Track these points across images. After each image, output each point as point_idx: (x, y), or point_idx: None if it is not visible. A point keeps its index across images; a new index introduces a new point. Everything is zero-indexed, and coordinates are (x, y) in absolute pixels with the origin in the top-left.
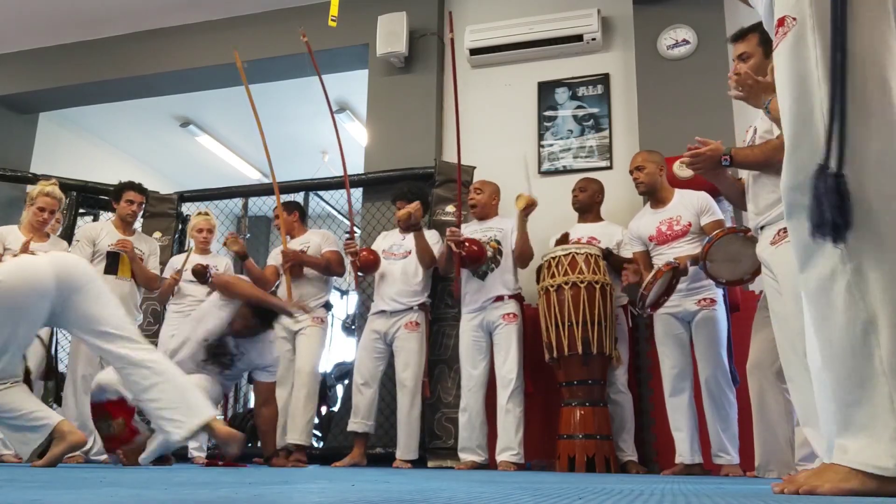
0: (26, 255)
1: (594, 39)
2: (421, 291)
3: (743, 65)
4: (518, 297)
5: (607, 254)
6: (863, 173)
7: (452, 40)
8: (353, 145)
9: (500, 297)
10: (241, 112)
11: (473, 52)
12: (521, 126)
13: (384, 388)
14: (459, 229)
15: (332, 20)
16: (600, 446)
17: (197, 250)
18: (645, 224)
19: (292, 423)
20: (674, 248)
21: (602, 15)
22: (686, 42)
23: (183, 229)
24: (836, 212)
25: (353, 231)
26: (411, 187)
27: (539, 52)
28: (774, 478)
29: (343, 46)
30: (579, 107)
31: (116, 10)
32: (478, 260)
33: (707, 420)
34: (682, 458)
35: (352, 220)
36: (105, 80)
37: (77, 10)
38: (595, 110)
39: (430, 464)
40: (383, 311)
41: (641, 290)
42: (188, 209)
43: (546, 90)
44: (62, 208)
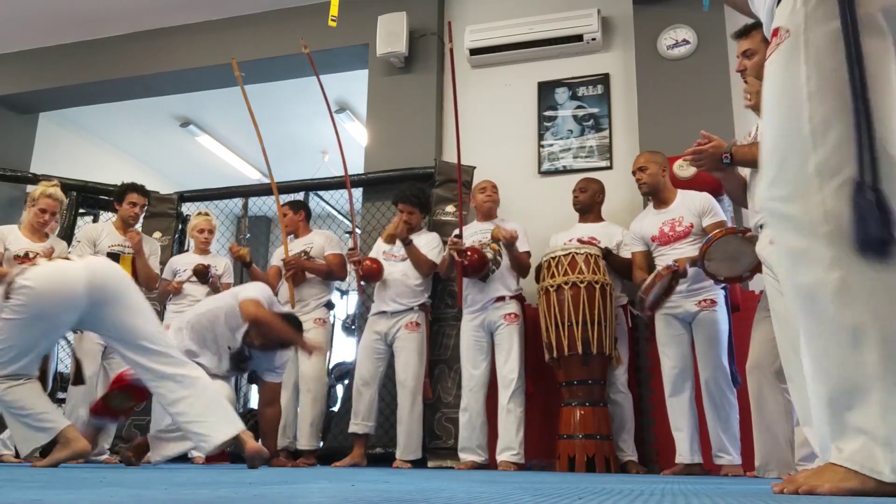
0: (62, 260)
1: (594, 39)
2: (421, 292)
3: (747, 61)
4: (519, 298)
5: (607, 254)
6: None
7: (452, 50)
8: (353, 145)
9: (502, 298)
10: (241, 112)
11: (473, 52)
12: (521, 126)
13: (384, 388)
14: (461, 229)
15: (332, 20)
16: (600, 446)
17: (197, 251)
18: (647, 225)
19: (300, 429)
20: (676, 249)
21: (602, 15)
22: (686, 42)
23: (183, 229)
24: (881, 228)
25: (355, 233)
26: (413, 190)
27: (539, 52)
28: (774, 478)
29: (343, 46)
30: (579, 107)
31: (116, 10)
32: (480, 269)
33: (707, 420)
34: (682, 457)
35: (353, 220)
36: (105, 80)
37: (77, 10)
38: (595, 110)
39: (430, 464)
40: (384, 312)
41: (640, 292)
42: (188, 209)
43: (546, 90)
44: (63, 209)
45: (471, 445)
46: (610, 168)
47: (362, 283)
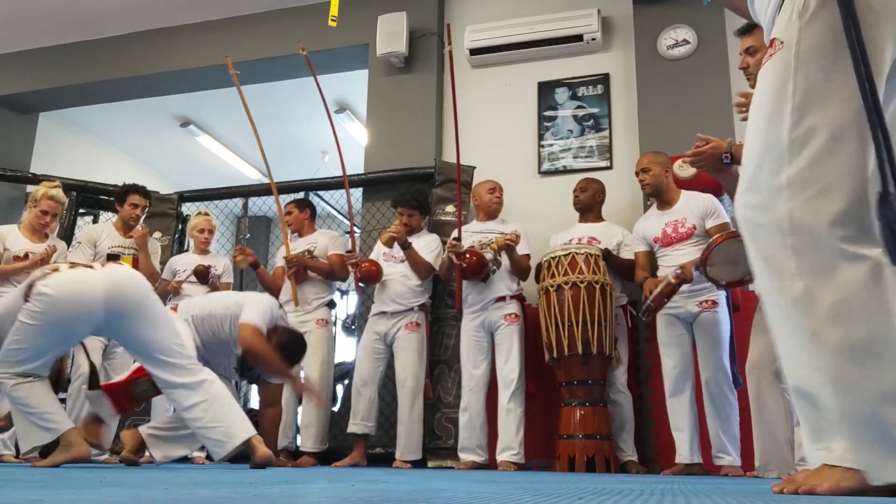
0: (83, 269)
1: (594, 39)
2: (421, 293)
3: (750, 58)
4: (519, 298)
5: (606, 254)
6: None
7: (451, 52)
8: (353, 145)
9: (502, 298)
10: (241, 112)
11: (473, 52)
12: (521, 126)
13: (384, 388)
14: (459, 231)
15: (332, 20)
16: (600, 446)
17: (197, 250)
18: (651, 225)
19: (306, 432)
20: (678, 250)
21: (602, 15)
22: (686, 42)
23: (183, 229)
24: None
25: (354, 234)
26: (412, 193)
27: (539, 52)
28: (774, 478)
29: (343, 46)
30: (579, 107)
31: (116, 10)
32: (479, 271)
33: (707, 421)
34: (682, 457)
35: (352, 220)
36: (105, 80)
37: (77, 10)
38: (595, 110)
39: (430, 464)
40: (384, 313)
41: (649, 300)
42: (188, 209)
43: (546, 90)
44: (63, 210)
45: (471, 445)
46: (610, 168)
47: (360, 284)
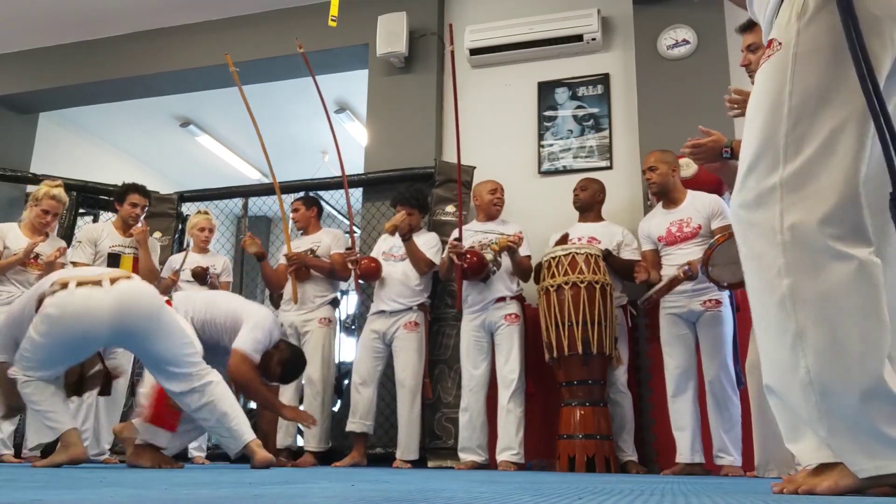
0: (91, 288)
1: (594, 39)
2: (420, 292)
3: (751, 55)
4: (519, 298)
5: (606, 254)
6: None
7: (453, 52)
8: (353, 145)
9: (502, 299)
10: (241, 112)
11: (473, 52)
12: (521, 126)
13: (384, 388)
14: (460, 231)
15: (332, 20)
16: (600, 446)
17: (196, 249)
18: (656, 224)
19: (308, 432)
20: (682, 250)
21: (602, 15)
22: (686, 42)
23: (183, 229)
24: None
25: (353, 234)
26: (411, 192)
27: (539, 52)
28: (774, 477)
29: (343, 46)
30: (579, 107)
31: (116, 10)
32: (479, 271)
33: (710, 421)
34: (683, 457)
35: (351, 221)
36: (105, 80)
37: (77, 10)
38: (595, 110)
39: (430, 464)
40: (383, 311)
41: (653, 292)
42: (188, 209)
43: (546, 90)
44: (64, 210)
45: (471, 445)
46: (610, 168)
47: (360, 281)
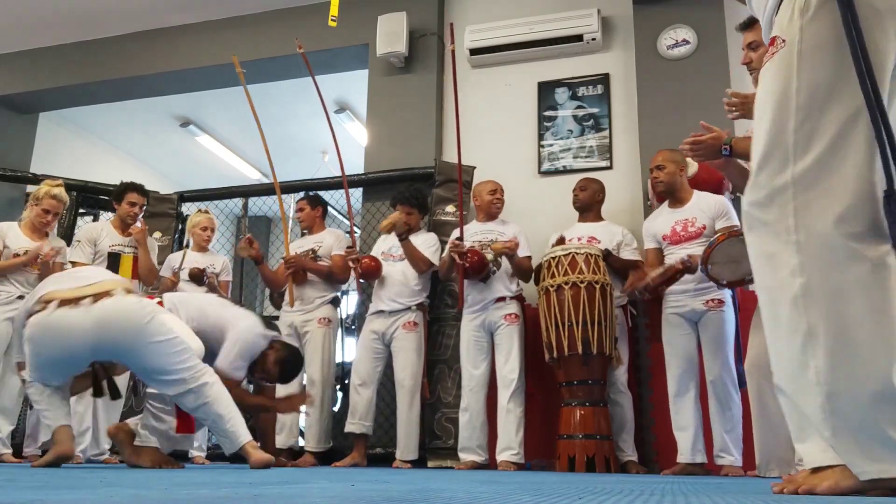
0: (70, 309)
1: (594, 39)
2: (419, 292)
3: (752, 53)
4: (519, 298)
5: (606, 254)
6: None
7: (454, 51)
8: (353, 145)
9: (502, 299)
10: (241, 112)
11: (473, 52)
12: (521, 126)
13: (384, 388)
14: (461, 231)
15: (332, 20)
16: (600, 446)
17: (196, 248)
18: (661, 223)
19: (308, 432)
20: (686, 249)
21: (602, 15)
22: (686, 42)
23: (183, 229)
24: None
25: (354, 234)
26: (410, 191)
27: (539, 52)
28: (775, 476)
29: (343, 46)
30: (579, 107)
31: (116, 10)
32: (480, 270)
33: (711, 421)
34: (684, 457)
35: (351, 221)
36: (105, 80)
37: (77, 10)
38: (595, 110)
39: (430, 464)
40: (381, 311)
41: (649, 278)
42: (188, 209)
43: (546, 90)
44: (64, 210)
45: (471, 445)
46: (610, 168)
47: (361, 280)
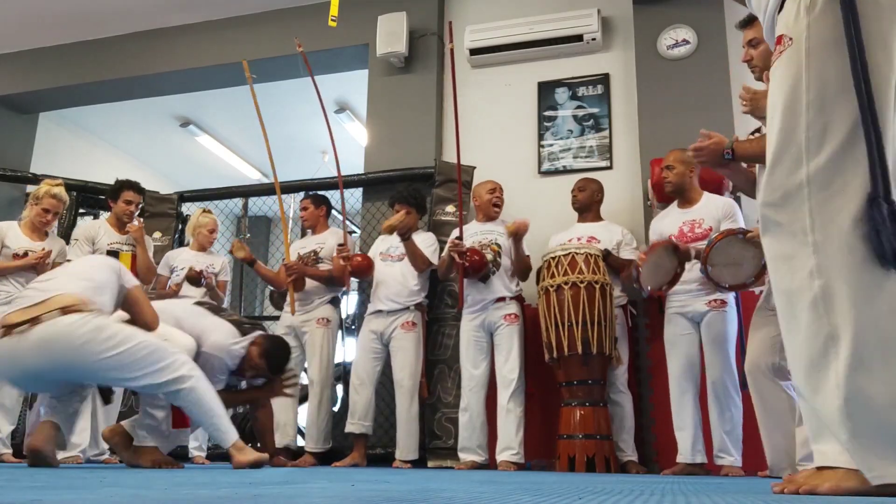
0: (9, 339)
1: (594, 39)
2: (418, 292)
3: (753, 51)
4: (519, 299)
5: (606, 254)
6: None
7: (452, 50)
8: (353, 145)
9: (502, 299)
10: (241, 112)
11: (473, 52)
12: (521, 126)
13: (384, 388)
14: (461, 231)
15: (332, 20)
16: (600, 446)
17: (197, 247)
18: (669, 223)
19: (308, 432)
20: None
21: (602, 15)
22: (686, 42)
23: (183, 229)
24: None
25: (347, 234)
26: (409, 191)
27: (539, 52)
28: None
29: (343, 46)
30: (579, 107)
31: (116, 10)
32: (480, 270)
33: (711, 421)
34: (684, 457)
35: (344, 220)
36: (105, 80)
37: (77, 10)
38: (595, 110)
39: (430, 464)
40: (380, 311)
41: (635, 262)
42: (188, 209)
43: (546, 90)
44: (64, 209)
45: (471, 445)
46: (610, 168)
47: (352, 278)
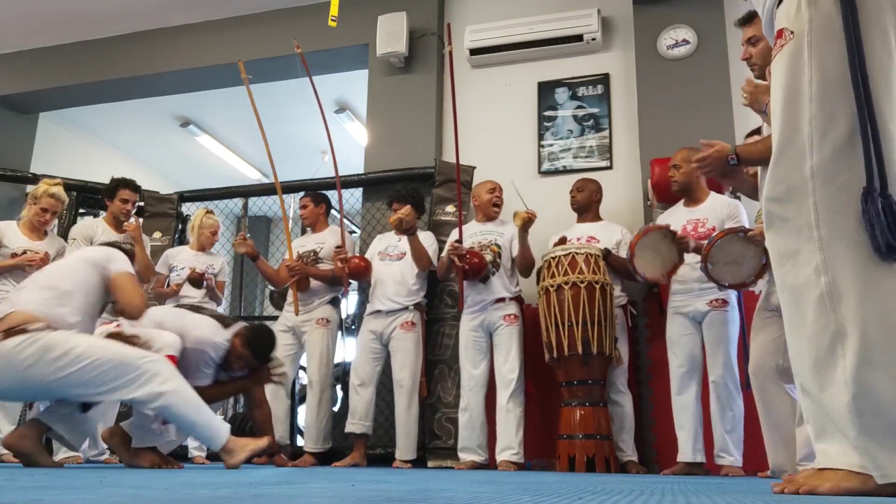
0: None
1: (594, 39)
2: (417, 292)
3: (752, 49)
4: (518, 299)
5: (606, 254)
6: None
7: (451, 52)
8: (353, 145)
9: (502, 299)
10: (241, 112)
11: (473, 52)
12: (521, 126)
13: (383, 388)
14: (461, 233)
15: (332, 20)
16: (600, 446)
17: (197, 246)
18: (674, 221)
19: (308, 433)
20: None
21: (602, 15)
22: (686, 42)
23: (183, 229)
24: (891, 234)
25: (345, 236)
26: (407, 189)
27: (539, 52)
28: None
29: (343, 46)
30: (579, 107)
31: (116, 10)
32: (480, 272)
33: (712, 421)
34: (684, 456)
35: (342, 220)
36: (105, 80)
37: (77, 10)
38: (595, 110)
39: (430, 464)
40: (379, 311)
41: (630, 244)
42: (188, 209)
43: (546, 90)
44: (63, 209)
45: (471, 445)
46: (610, 168)
47: (350, 280)
